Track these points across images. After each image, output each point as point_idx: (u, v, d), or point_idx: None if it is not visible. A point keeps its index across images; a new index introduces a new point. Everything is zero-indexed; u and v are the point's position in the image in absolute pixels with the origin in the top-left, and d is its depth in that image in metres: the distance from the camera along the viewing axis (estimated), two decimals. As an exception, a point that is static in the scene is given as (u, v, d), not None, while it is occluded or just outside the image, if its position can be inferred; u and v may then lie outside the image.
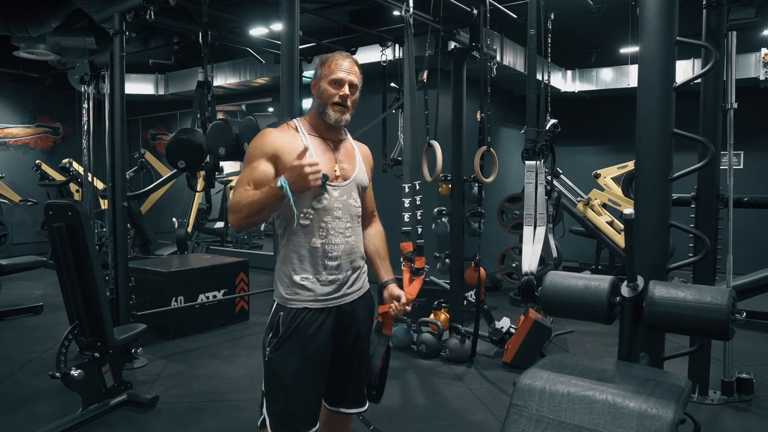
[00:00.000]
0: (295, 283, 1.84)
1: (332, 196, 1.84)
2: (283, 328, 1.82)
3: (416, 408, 3.40)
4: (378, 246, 2.10)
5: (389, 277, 2.07)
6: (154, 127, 10.42)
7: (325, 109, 1.84)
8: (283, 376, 1.80)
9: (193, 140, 3.68)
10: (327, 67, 1.85)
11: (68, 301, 3.10)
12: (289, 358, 1.81)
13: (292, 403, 1.81)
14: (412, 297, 2.06)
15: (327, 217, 1.83)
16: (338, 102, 1.83)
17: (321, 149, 1.86)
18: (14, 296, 6.17)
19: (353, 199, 1.90)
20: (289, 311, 1.83)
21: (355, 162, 1.94)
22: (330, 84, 1.83)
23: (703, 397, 3.44)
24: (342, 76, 1.83)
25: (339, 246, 1.85)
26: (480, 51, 4.45)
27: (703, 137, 2.89)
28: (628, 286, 1.93)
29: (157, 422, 3.18)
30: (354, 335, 1.93)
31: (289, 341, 1.81)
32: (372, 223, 2.13)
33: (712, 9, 3.30)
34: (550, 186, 4.26)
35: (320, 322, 1.84)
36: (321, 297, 1.84)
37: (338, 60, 1.85)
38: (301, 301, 1.84)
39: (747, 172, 7.58)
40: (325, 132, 1.90)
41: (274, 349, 1.82)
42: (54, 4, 5.85)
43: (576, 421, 1.53)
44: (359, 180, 1.93)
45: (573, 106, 8.20)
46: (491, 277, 6.29)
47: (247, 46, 5.89)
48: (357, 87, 1.88)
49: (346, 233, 1.87)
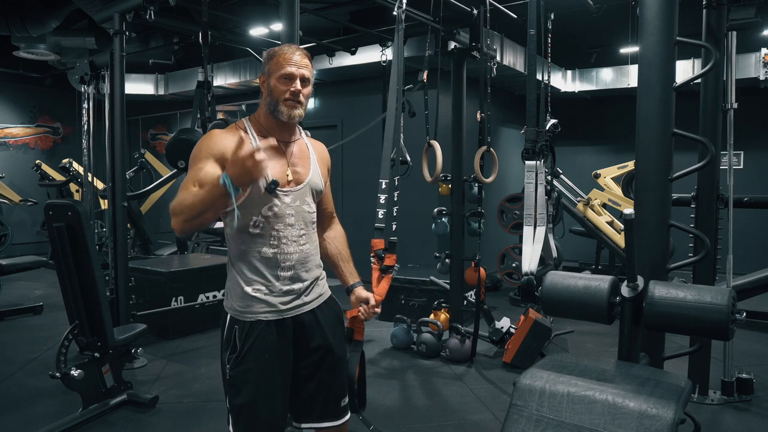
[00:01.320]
0: (248, 294, 1.73)
1: (284, 202, 1.72)
2: (241, 344, 1.72)
3: (416, 408, 3.40)
4: (340, 248, 2.00)
5: (355, 279, 1.98)
6: (154, 127, 10.41)
7: (276, 107, 1.72)
8: (246, 393, 1.72)
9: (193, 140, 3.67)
10: (275, 62, 1.72)
11: (68, 301, 3.11)
12: (249, 375, 1.71)
13: (257, 419, 1.73)
14: (381, 298, 1.97)
15: (279, 224, 1.71)
16: (289, 98, 1.71)
17: (271, 152, 1.72)
18: (14, 296, 6.17)
19: (307, 205, 1.79)
20: (244, 325, 1.73)
21: (309, 164, 1.82)
22: (279, 80, 1.71)
23: (703, 397, 3.44)
24: (292, 70, 1.70)
25: (293, 255, 1.75)
26: (480, 51, 4.44)
27: (703, 137, 2.89)
28: (628, 286, 1.93)
29: (157, 422, 3.18)
30: (317, 344, 1.82)
31: (248, 356, 1.71)
32: (331, 225, 2.03)
33: (712, 9, 3.30)
34: (550, 186, 4.26)
35: (278, 334, 1.74)
36: (276, 308, 1.74)
37: (287, 54, 1.72)
38: (255, 314, 1.73)
39: (747, 172, 7.57)
40: (277, 132, 1.77)
41: (233, 366, 1.73)
42: (54, 4, 5.85)
43: (576, 421, 1.53)
44: (314, 184, 1.81)
45: (573, 106, 8.19)
46: (491, 277, 6.29)
47: (247, 46, 5.89)
48: (309, 80, 1.75)
49: (300, 241, 1.76)
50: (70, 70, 7.06)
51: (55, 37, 6.49)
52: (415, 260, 6.09)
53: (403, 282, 5.15)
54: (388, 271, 2.41)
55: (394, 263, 2.46)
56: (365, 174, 6.63)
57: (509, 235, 5.67)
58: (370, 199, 3.29)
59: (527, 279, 3.65)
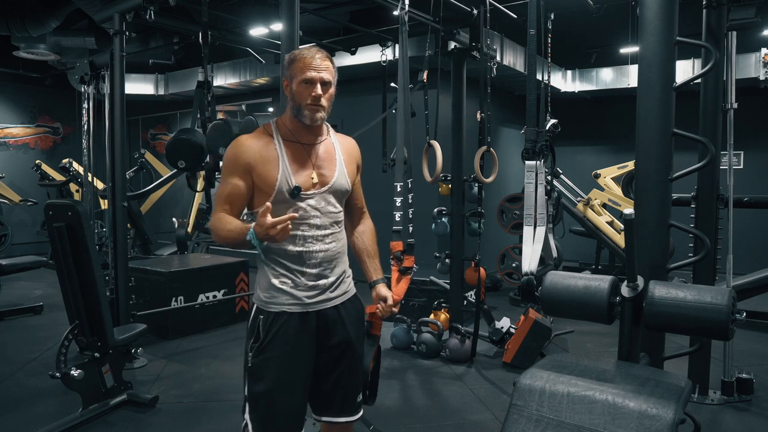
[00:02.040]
0: (274, 286, 1.79)
1: (308, 204, 1.77)
2: (264, 333, 1.77)
3: (416, 408, 3.40)
4: (367, 243, 2.03)
5: (378, 276, 2.01)
6: (154, 127, 10.41)
7: (299, 111, 1.76)
8: (265, 381, 1.76)
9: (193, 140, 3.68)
10: (296, 67, 1.75)
11: (68, 301, 3.10)
12: (270, 363, 1.76)
13: (274, 408, 1.77)
14: (399, 298, 2.00)
15: (303, 225, 1.77)
16: (311, 103, 1.74)
17: (297, 155, 1.79)
18: (14, 296, 6.17)
19: (332, 206, 1.83)
20: (268, 315, 1.78)
21: (334, 165, 1.85)
22: (301, 84, 1.74)
23: (703, 397, 3.44)
24: (312, 75, 1.73)
25: (318, 254, 1.79)
26: (480, 51, 4.44)
27: (703, 137, 2.89)
28: (628, 286, 1.93)
29: (157, 422, 3.18)
30: (339, 340, 1.86)
31: (270, 346, 1.76)
32: (361, 220, 2.06)
33: (712, 9, 3.30)
34: (550, 186, 4.26)
35: (301, 326, 1.78)
36: (301, 301, 1.79)
37: (307, 57, 1.74)
38: (280, 305, 1.78)
39: (747, 172, 7.57)
40: (303, 134, 1.82)
41: (255, 354, 1.78)
42: (54, 4, 5.84)
43: (576, 421, 1.53)
44: (339, 185, 1.84)
45: (573, 106, 8.19)
46: (491, 277, 6.29)
47: (247, 46, 5.89)
48: (331, 83, 1.78)
49: (325, 240, 1.81)
50: (70, 70, 7.06)
51: (55, 37, 6.49)
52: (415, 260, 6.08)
53: (403, 282, 5.14)
54: (407, 272, 2.46)
55: (412, 264, 2.50)
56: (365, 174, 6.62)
57: (509, 235, 5.67)
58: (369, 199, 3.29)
59: (527, 279, 3.65)
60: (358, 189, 2.00)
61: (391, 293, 1.98)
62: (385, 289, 1.98)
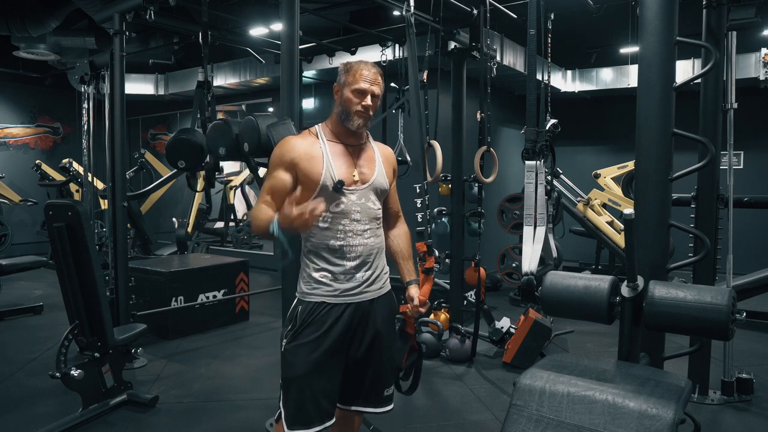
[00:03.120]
0: (314, 278, 1.91)
1: (350, 199, 1.89)
2: (300, 321, 1.88)
3: (416, 408, 3.40)
4: (402, 246, 2.13)
5: (411, 277, 2.10)
6: (154, 127, 10.41)
7: (348, 117, 1.90)
8: (297, 367, 1.85)
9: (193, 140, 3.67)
10: (352, 76, 1.90)
11: (68, 301, 3.10)
12: (303, 349, 1.86)
13: (305, 395, 1.85)
14: (425, 298, 2.07)
15: (344, 219, 1.88)
16: (360, 110, 1.88)
17: (340, 153, 1.92)
18: (14, 296, 6.17)
19: (372, 202, 1.94)
20: (307, 305, 1.90)
21: (374, 166, 1.98)
22: (353, 93, 1.88)
23: (703, 397, 3.44)
24: (365, 86, 1.88)
25: (357, 247, 1.90)
26: (480, 51, 4.45)
27: (703, 137, 2.89)
28: (628, 286, 1.93)
29: (157, 422, 3.18)
30: (372, 333, 1.95)
31: (304, 333, 1.87)
32: (397, 223, 2.17)
33: (712, 9, 3.30)
34: (550, 186, 4.26)
35: (337, 316, 1.88)
36: (339, 292, 1.89)
37: (363, 70, 1.90)
38: (319, 296, 1.89)
39: (747, 172, 7.57)
40: (345, 137, 1.95)
41: (290, 341, 1.89)
42: (54, 4, 5.84)
43: (576, 421, 1.53)
44: (378, 183, 1.96)
45: (573, 106, 8.19)
46: (491, 277, 6.29)
47: (247, 46, 5.89)
48: (379, 97, 1.93)
49: (365, 235, 1.91)
50: (70, 70, 7.06)
51: (55, 37, 6.49)
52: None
53: (403, 282, 5.14)
54: (430, 272, 2.51)
55: (433, 265, 2.56)
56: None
57: (509, 235, 5.67)
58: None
59: (527, 279, 3.65)
60: (394, 193, 2.13)
61: (418, 294, 2.06)
62: (414, 290, 2.07)
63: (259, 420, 3.17)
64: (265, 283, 7.16)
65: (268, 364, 4.11)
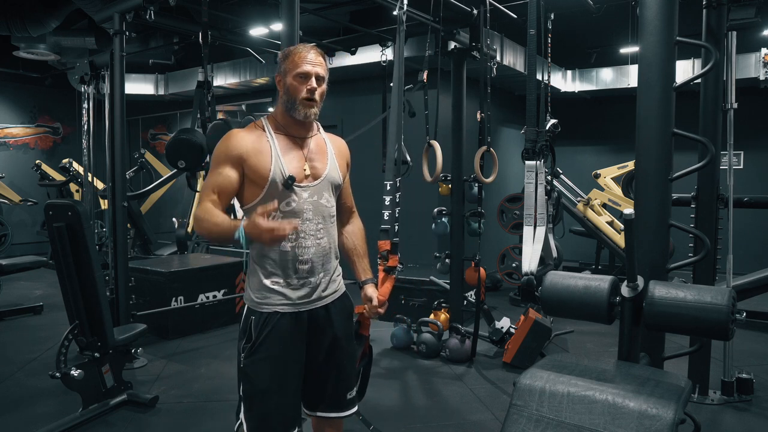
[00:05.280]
0: (265, 287, 1.79)
1: (301, 197, 1.77)
2: (256, 334, 1.77)
3: (416, 408, 3.40)
4: (356, 243, 2.04)
5: (367, 276, 2.01)
6: (154, 127, 10.41)
7: (293, 105, 1.77)
8: (258, 382, 1.77)
9: (193, 140, 3.68)
10: (291, 61, 1.76)
11: (68, 301, 3.10)
12: (262, 364, 1.77)
13: (268, 408, 1.77)
14: (384, 298, 1.99)
15: (296, 220, 1.74)
16: (306, 97, 1.75)
17: (289, 147, 1.79)
18: (14, 296, 6.17)
19: (324, 199, 1.82)
20: (260, 315, 1.78)
21: (326, 159, 1.85)
22: (296, 78, 1.75)
23: (703, 397, 3.44)
24: (308, 69, 1.75)
25: (310, 249, 1.78)
26: (480, 51, 4.44)
27: (703, 137, 2.89)
28: (628, 286, 1.93)
29: (157, 422, 3.18)
30: (330, 338, 1.87)
31: (262, 347, 1.77)
32: (351, 219, 2.06)
33: (712, 9, 3.30)
34: (550, 186, 4.26)
35: (292, 326, 1.79)
36: (293, 301, 1.79)
37: (302, 52, 1.76)
38: (272, 305, 1.78)
39: (747, 172, 7.57)
40: (294, 129, 1.82)
41: (247, 355, 1.79)
42: (54, 4, 5.84)
43: (576, 421, 1.53)
44: (331, 178, 1.84)
45: (573, 106, 8.19)
46: (491, 277, 6.29)
47: (247, 46, 5.89)
48: (324, 78, 1.79)
49: (317, 235, 1.80)
50: (70, 70, 7.06)
51: (55, 37, 6.49)
52: (415, 260, 6.08)
53: (403, 282, 5.15)
54: (392, 272, 2.46)
55: (396, 264, 2.50)
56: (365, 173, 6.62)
57: (509, 235, 5.67)
58: (368, 198, 3.29)
59: (527, 279, 3.65)
60: (347, 188, 2.01)
61: (377, 294, 1.99)
62: (372, 289, 1.99)
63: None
64: (265, 283, 7.15)
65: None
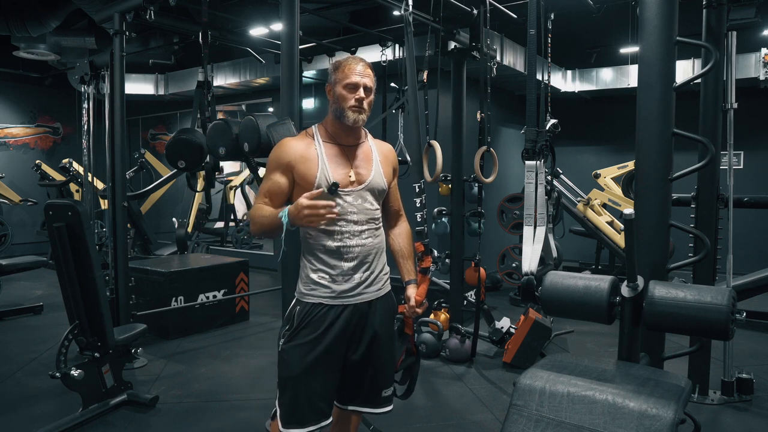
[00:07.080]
0: (312, 279, 1.91)
1: (346, 201, 1.89)
2: (297, 321, 1.89)
3: (416, 408, 3.40)
4: (402, 245, 2.13)
5: (410, 277, 2.11)
6: (154, 127, 10.41)
7: (342, 113, 1.89)
8: (293, 367, 1.86)
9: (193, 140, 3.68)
10: (341, 72, 1.90)
11: (68, 301, 3.10)
12: (299, 350, 1.86)
13: (300, 394, 1.86)
14: (421, 298, 2.08)
15: (341, 221, 1.87)
16: (354, 105, 1.88)
17: (336, 154, 1.92)
18: (14, 296, 6.17)
19: (369, 203, 1.94)
20: (305, 306, 1.91)
21: (371, 165, 1.97)
22: (345, 88, 1.89)
23: (703, 397, 3.44)
24: (357, 80, 1.88)
25: (355, 248, 1.90)
26: (480, 51, 4.44)
27: (703, 137, 2.89)
28: (628, 286, 1.92)
29: (157, 422, 3.18)
30: (370, 335, 1.95)
31: (301, 333, 1.88)
32: (398, 222, 2.17)
33: (712, 9, 3.30)
34: (550, 186, 4.26)
35: (334, 317, 1.88)
36: (337, 294, 1.89)
37: (352, 64, 1.90)
38: (317, 297, 1.90)
39: (747, 172, 7.57)
40: (343, 137, 1.95)
41: (287, 341, 1.90)
42: (54, 4, 5.84)
43: (576, 421, 1.53)
44: (375, 183, 1.96)
45: (573, 106, 8.19)
46: (491, 277, 6.29)
47: (247, 46, 5.89)
48: (371, 89, 1.93)
49: (362, 236, 1.91)
50: (70, 70, 7.06)
51: (55, 37, 6.49)
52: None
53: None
54: (426, 272, 2.53)
55: (429, 264, 2.57)
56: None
57: (509, 235, 5.67)
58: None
59: (527, 279, 3.64)
60: (394, 191, 2.12)
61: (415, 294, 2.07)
62: (412, 289, 2.08)
63: (259, 420, 3.17)
64: (265, 283, 7.16)
65: (268, 364, 4.10)
